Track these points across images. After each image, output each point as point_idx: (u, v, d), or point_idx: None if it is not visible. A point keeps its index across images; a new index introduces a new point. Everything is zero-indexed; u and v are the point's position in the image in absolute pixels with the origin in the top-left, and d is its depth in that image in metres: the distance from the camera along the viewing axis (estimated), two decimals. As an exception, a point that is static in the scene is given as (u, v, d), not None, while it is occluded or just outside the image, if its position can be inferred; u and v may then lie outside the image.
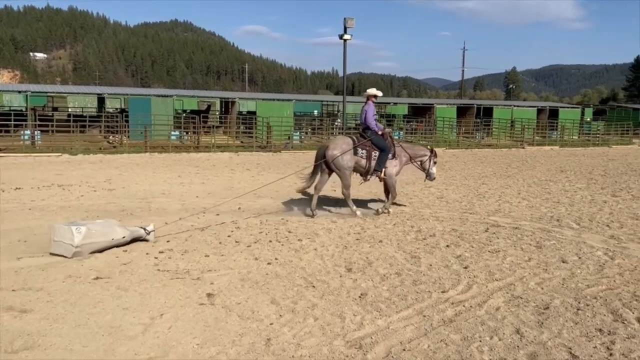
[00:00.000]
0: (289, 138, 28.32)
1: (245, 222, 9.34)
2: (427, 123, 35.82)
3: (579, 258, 7.27)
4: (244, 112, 35.84)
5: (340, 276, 6.35)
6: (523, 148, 31.18)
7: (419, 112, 40.71)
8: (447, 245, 7.87)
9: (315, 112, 43.87)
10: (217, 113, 39.03)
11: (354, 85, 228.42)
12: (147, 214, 9.89)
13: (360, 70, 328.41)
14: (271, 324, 4.92)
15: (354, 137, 10.24)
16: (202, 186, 13.58)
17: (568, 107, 46.78)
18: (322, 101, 47.63)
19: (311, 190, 10.39)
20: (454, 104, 41.02)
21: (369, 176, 10.25)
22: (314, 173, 10.24)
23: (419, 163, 10.79)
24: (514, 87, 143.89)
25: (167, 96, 31.26)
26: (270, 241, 7.99)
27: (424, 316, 5.12)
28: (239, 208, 10.57)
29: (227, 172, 16.85)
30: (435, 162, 10.84)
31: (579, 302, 5.53)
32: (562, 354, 4.36)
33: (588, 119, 45.47)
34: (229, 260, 6.93)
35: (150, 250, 7.29)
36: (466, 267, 6.76)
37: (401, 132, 33.52)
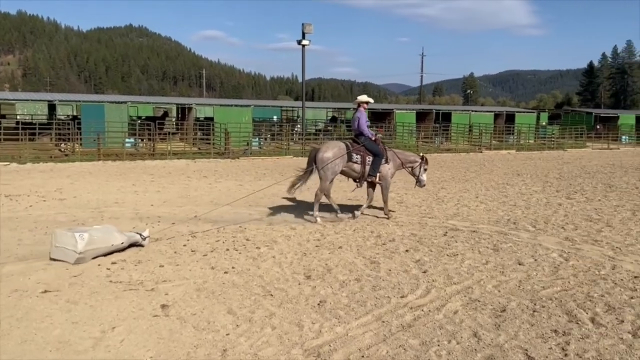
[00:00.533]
0: (247, 144, 28.07)
1: (201, 230, 9.22)
2: (387, 128, 36.19)
3: (535, 260, 7.45)
4: (201, 118, 35.61)
5: (299, 284, 6.32)
6: (481, 152, 31.82)
7: (379, 118, 41.04)
8: (407, 250, 7.94)
9: (275, 117, 43.90)
10: (174, 119, 38.51)
11: (314, 90, 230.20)
12: (99, 224, 9.64)
13: (320, 75, 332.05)
14: (227, 334, 4.85)
15: (348, 143, 10.40)
16: (158, 194, 13.34)
17: (524, 112, 48.01)
18: (281, 107, 47.55)
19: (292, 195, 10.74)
20: (413, 109, 41.47)
21: (363, 181, 10.44)
22: (304, 175, 10.35)
23: (410, 169, 11.00)
24: (471, 92, 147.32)
25: (121, 102, 30.63)
26: (228, 250, 7.89)
27: (383, 322, 5.14)
28: (195, 216, 10.42)
29: (183, 179, 16.61)
30: (425, 169, 11.03)
31: (535, 304, 5.65)
32: (518, 356, 4.44)
33: (544, 123, 46.90)
34: (185, 270, 6.81)
35: (102, 261, 7.10)
36: (425, 272, 6.83)
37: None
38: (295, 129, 34.71)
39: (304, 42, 29.85)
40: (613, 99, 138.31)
